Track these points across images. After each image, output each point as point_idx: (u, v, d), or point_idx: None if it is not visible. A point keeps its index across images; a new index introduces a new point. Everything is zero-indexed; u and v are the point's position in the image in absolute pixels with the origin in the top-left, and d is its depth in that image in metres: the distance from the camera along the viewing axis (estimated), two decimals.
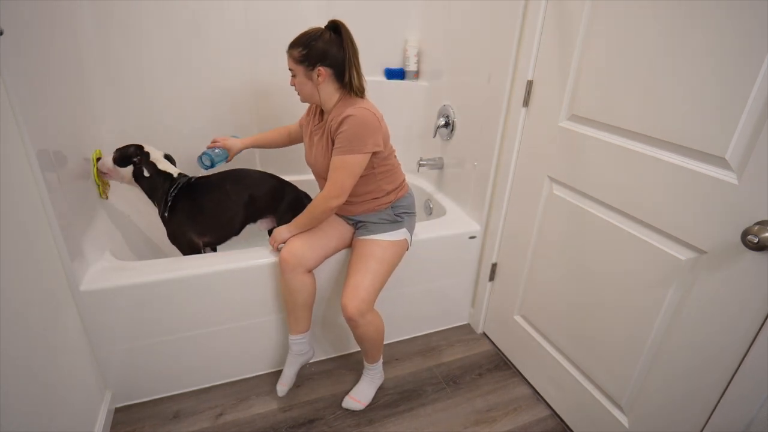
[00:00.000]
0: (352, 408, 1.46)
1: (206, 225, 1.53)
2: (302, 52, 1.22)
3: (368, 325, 1.31)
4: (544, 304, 1.47)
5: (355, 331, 1.33)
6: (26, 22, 1.08)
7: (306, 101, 1.33)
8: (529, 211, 1.47)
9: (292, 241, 1.35)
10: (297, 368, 1.49)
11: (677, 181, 0.99)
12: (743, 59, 0.85)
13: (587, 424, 1.36)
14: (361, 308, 1.27)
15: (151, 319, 1.33)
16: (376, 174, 1.33)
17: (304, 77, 1.25)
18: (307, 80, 1.26)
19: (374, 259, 1.33)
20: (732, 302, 0.92)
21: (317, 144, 1.33)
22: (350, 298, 1.27)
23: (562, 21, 1.24)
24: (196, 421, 1.40)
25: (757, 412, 0.90)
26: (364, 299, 1.28)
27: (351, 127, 1.21)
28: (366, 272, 1.30)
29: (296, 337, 1.44)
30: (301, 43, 1.23)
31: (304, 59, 1.23)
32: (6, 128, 0.94)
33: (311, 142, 1.38)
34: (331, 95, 1.28)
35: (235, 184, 1.55)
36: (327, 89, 1.27)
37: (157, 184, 1.51)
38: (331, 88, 1.27)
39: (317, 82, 1.25)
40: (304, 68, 1.24)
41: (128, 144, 1.53)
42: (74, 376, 1.18)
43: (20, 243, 0.96)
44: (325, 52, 1.22)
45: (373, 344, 1.40)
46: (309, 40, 1.22)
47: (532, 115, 1.41)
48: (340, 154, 1.23)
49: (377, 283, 1.32)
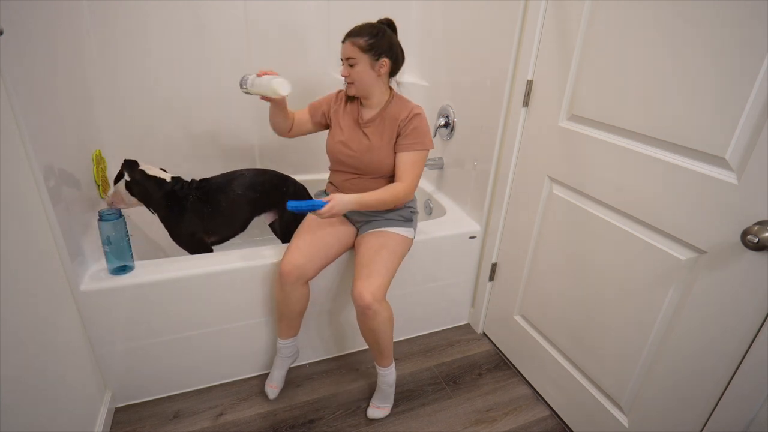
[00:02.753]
0: (378, 417, 1.42)
1: (216, 224, 1.54)
2: (370, 41, 1.23)
3: (384, 312, 1.25)
4: (544, 304, 1.47)
5: (371, 323, 1.25)
6: (26, 22, 1.08)
7: (359, 94, 1.33)
8: (529, 211, 1.47)
9: (294, 254, 1.32)
10: (286, 369, 1.51)
11: (677, 181, 0.99)
12: (743, 59, 0.85)
13: (587, 424, 1.36)
14: (377, 295, 1.23)
15: (151, 319, 1.33)
16: None
17: (368, 66, 1.26)
18: (370, 70, 1.27)
19: (387, 250, 1.32)
20: (732, 302, 0.92)
21: (372, 135, 1.34)
22: (366, 285, 1.23)
23: (562, 21, 1.24)
24: (196, 421, 1.40)
25: (757, 412, 0.90)
26: (379, 286, 1.24)
27: (422, 124, 1.30)
28: (380, 261, 1.29)
29: (286, 341, 1.44)
30: (368, 32, 1.24)
31: (372, 48, 1.24)
32: (6, 128, 0.94)
33: (359, 133, 1.36)
34: (385, 88, 1.34)
35: (240, 182, 1.56)
36: (384, 82, 1.32)
37: (150, 191, 1.49)
38: (386, 82, 1.32)
39: (379, 73, 1.28)
40: (369, 57, 1.25)
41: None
42: (74, 376, 1.18)
43: (20, 243, 0.96)
44: (391, 45, 1.27)
45: (387, 336, 1.32)
46: (376, 30, 1.25)
47: (532, 115, 1.41)
48: (415, 150, 1.30)
49: (390, 272, 1.30)
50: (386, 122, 1.32)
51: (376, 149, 1.33)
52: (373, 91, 1.31)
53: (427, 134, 1.32)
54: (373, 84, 1.29)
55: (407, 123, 1.29)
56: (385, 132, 1.32)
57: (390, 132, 1.32)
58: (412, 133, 1.29)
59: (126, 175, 1.47)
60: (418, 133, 1.29)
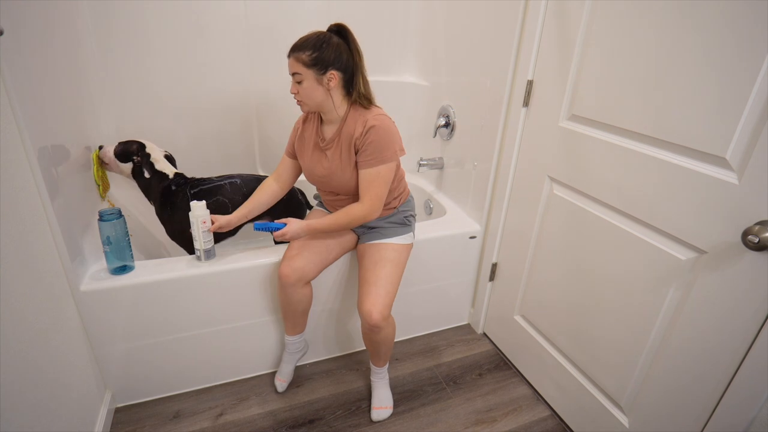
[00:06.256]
0: (384, 417, 1.43)
1: None
2: (312, 54, 1.15)
3: (389, 327, 1.31)
4: (545, 304, 1.47)
5: (376, 337, 1.30)
6: (26, 22, 1.08)
7: (313, 110, 1.26)
8: (530, 211, 1.47)
9: (293, 256, 1.32)
10: (295, 364, 1.53)
11: (677, 181, 0.99)
12: (743, 59, 0.85)
13: (587, 424, 1.36)
14: (385, 313, 1.25)
15: (151, 319, 1.33)
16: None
17: (315, 82, 1.18)
18: (318, 85, 1.18)
19: (390, 263, 1.32)
20: (732, 302, 0.92)
21: (332, 158, 1.27)
22: (374, 304, 1.24)
23: (562, 21, 1.24)
24: (196, 421, 1.40)
25: (757, 412, 0.90)
26: (386, 304, 1.26)
27: (378, 137, 1.19)
28: (385, 277, 1.29)
29: (293, 338, 1.47)
30: (311, 45, 1.15)
31: (316, 62, 1.15)
32: (6, 128, 0.94)
33: (321, 156, 1.30)
34: (341, 103, 1.23)
35: (234, 185, 1.56)
36: (337, 95, 1.22)
37: (153, 185, 1.53)
38: (340, 94, 1.22)
39: (328, 87, 1.19)
40: (314, 72, 1.16)
41: (132, 140, 1.54)
42: (74, 376, 1.17)
43: (20, 243, 0.96)
44: (339, 55, 1.17)
45: (389, 346, 1.39)
46: (319, 42, 1.16)
47: (532, 115, 1.41)
48: (372, 166, 1.21)
49: (395, 287, 1.31)
50: (343, 141, 1.24)
51: (337, 172, 1.27)
52: (326, 106, 1.23)
53: (388, 146, 1.21)
54: (324, 99, 1.21)
55: (363, 138, 1.19)
56: (343, 152, 1.25)
57: (347, 151, 1.24)
58: (369, 148, 1.20)
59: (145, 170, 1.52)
60: (375, 147, 1.19)
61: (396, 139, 1.24)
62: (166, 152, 1.62)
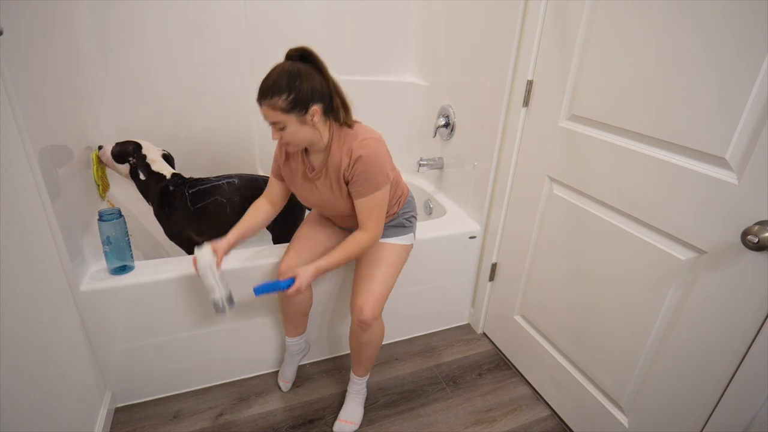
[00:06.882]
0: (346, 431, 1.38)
1: (203, 225, 1.54)
2: (289, 97, 1.04)
3: (378, 327, 1.31)
4: (544, 304, 1.47)
5: (364, 335, 1.29)
6: (26, 22, 1.08)
7: (300, 148, 1.19)
8: (529, 211, 1.47)
9: (291, 257, 1.32)
10: (297, 365, 1.53)
11: (677, 181, 0.99)
12: (743, 59, 0.85)
13: (587, 424, 1.36)
14: (376, 311, 1.25)
15: (151, 319, 1.33)
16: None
17: (298, 124, 1.08)
18: (302, 126, 1.09)
19: (387, 263, 1.32)
20: (732, 302, 0.92)
21: (323, 188, 1.23)
22: (366, 300, 1.24)
23: (562, 21, 1.24)
24: (196, 421, 1.40)
25: (757, 412, 0.90)
26: (378, 302, 1.26)
27: (366, 167, 1.13)
28: (380, 276, 1.29)
29: (294, 340, 1.46)
30: (284, 87, 1.03)
31: (295, 104, 1.05)
32: (6, 128, 0.94)
33: (312, 186, 1.25)
34: (324, 131, 1.15)
35: (232, 185, 1.56)
36: (321, 126, 1.13)
37: (151, 185, 1.53)
38: (322, 123, 1.13)
39: (313, 124, 1.10)
40: (296, 115, 1.06)
41: (128, 141, 1.54)
42: (74, 376, 1.17)
43: (20, 243, 0.96)
44: (313, 87, 1.06)
45: (374, 350, 1.36)
46: (291, 79, 1.04)
47: (532, 115, 1.41)
48: (367, 194, 1.16)
49: (389, 287, 1.31)
50: (331, 173, 1.18)
51: (330, 201, 1.24)
52: (315, 140, 1.15)
53: (378, 172, 1.15)
54: (311, 135, 1.12)
55: (351, 170, 1.14)
56: (333, 184, 1.20)
57: (337, 183, 1.19)
58: (359, 178, 1.14)
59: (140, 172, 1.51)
60: (366, 177, 1.14)
61: (386, 163, 1.18)
62: (165, 151, 1.62)
